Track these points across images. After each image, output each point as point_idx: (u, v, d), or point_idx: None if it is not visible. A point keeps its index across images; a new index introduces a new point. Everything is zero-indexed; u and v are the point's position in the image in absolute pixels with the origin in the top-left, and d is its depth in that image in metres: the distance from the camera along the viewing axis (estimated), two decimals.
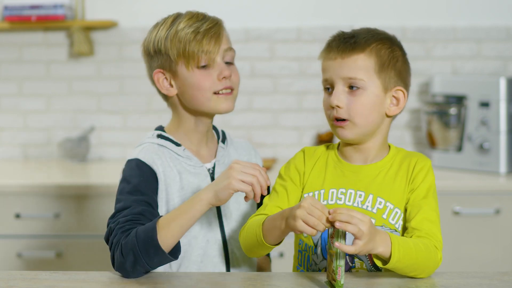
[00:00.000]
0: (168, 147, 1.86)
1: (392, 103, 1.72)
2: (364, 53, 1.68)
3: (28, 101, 3.53)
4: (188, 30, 1.83)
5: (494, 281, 1.63)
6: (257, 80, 3.49)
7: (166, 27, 1.86)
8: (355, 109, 1.67)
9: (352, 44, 1.68)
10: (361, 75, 1.67)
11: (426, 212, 1.68)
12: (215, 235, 1.87)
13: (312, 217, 1.53)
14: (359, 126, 1.69)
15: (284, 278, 1.66)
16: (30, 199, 2.97)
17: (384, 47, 1.70)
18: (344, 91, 1.69)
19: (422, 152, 3.43)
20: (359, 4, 3.45)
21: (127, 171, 1.82)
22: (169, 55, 1.84)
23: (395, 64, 1.71)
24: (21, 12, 3.35)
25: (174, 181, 1.83)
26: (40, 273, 1.70)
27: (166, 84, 1.88)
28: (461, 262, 2.93)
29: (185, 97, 1.87)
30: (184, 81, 1.85)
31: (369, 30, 1.74)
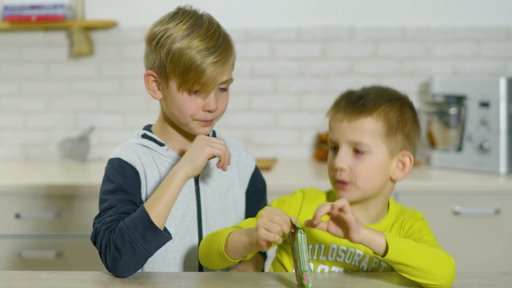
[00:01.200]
0: (151, 147, 1.83)
1: (397, 167, 1.68)
2: (372, 117, 1.64)
3: (28, 101, 3.53)
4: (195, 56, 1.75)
5: (494, 281, 1.64)
6: (257, 80, 3.49)
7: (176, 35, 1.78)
8: (358, 172, 1.64)
9: (359, 106, 1.64)
10: (367, 139, 1.63)
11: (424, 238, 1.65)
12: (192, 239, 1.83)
13: (274, 224, 1.52)
14: (361, 190, 1.65)
15: (284, 278, 1.66)
16: (30, 199, 2.97)
17: (393, 110, 1.65)
18: (349, 154, 1.65)
19: (422, 152, 3.45)
20: (359, 4, 3.45)
21: (110, 170, 1.79)
22: (168, 66, 1.77)
23: (403, 127, 1.67)
24: (21, 12, 3.35)
25: (154, 181, 1.81)
26: (40, 273, 1.70)
27: (154, 87, 1.83)
28: (461, 262, 2.93)
29: (168, 108, 1.82)
30: (170, 96, 1.79)
31: (379, 91, 1.68)
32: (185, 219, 1.82)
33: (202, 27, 1.81)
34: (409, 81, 3.47)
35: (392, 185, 1.71)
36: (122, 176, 1.77)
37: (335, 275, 1.68)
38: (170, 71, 1.77)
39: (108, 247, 1.66)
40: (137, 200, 1.76)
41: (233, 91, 3.51)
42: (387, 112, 1.65)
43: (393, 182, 1.70)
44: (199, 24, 1.82)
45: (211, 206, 1.85)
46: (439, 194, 2.94)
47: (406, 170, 1.68)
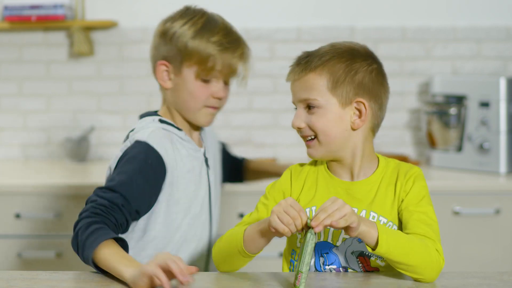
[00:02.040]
0: (172, 131, 1.93)
1: (355, 116, 1.69)
2: (315, 72, 1.68)
3: (28, 101, 3.53)
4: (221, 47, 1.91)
5: (494, 281, 1.64)
6: (257, 80, 3.49)
7: (195, 27, 1.91)
8: (315, 127, 1.69)
9: (303, 64, 1.69)
10: (313, 95, 1.68)
11: (420, 216, 1.66)
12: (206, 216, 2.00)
13: (287, 216, 1.53)
14: (322, 144, 1.70)
15: (282, 278, 1.66)
16: (30, 199, 2.97)
17: (339, 62, 1.68)
18: (304, 112, 1.71)
19: (422, 152, 3.45)
20: (359, 4, 3.45)
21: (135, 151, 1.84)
22: (185, 55, 1.90)
23: (352, 77, 1.67)
24: (21, 12, 3.35)
25: (180, 164, 1.90)
26: (40, 273, 1.70)
27: (165, 76, 1.95)
28: (461, 262, 2.93)
29: (177, 96, 1.95)
30: (184, 83, 1.93)
31: (330, 47, 1.71)
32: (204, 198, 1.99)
33: (217, 22, 1.95)
34: (409, 81, 3.47)
35: (361, 136, 1.71)
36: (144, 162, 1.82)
37: (335, 275, 1.68)
38: (187, 60, 1.90)
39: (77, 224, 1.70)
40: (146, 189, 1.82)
41: (233, 91, 3.49)
42: (332, 65, 1.67)
43: (361, 131, 1.71)
44: (214, 19, 1.95)
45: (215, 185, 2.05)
46: (439, 194, 2.94)
47: (364, 117, 1.69)
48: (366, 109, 1.68)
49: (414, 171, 1.72)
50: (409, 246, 1.58)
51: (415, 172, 1.72)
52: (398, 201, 1.69)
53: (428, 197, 1.70)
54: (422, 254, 1.59)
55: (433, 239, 1.63)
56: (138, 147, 1.85)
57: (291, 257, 1.75)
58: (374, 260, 1.69)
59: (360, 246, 1.69)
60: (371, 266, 1.69)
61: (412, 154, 3.49)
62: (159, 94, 2.08)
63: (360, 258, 1.69)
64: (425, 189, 1.71)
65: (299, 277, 1.53)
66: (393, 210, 1.69)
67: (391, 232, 1.59)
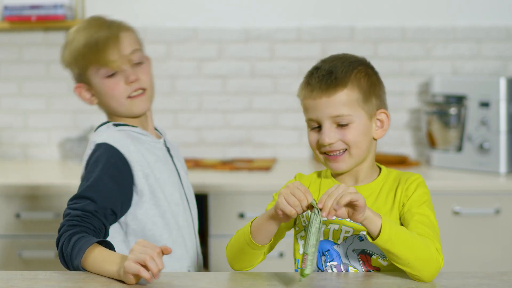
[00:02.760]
0: (127, 129, 1.97)
1: (377, 127, 1.74)
2: (347, 88, 1.68)
3: (28, 101, 3.53)
4: (86, 42, 1.94)
5: (494, 281, 1.64)
6: (257, 80, 3.49)
7: (71, 38, 1.97)
8: (348, 141, 1.69)
9: (333, 80, 1.68)
10: (347, 111, 1.68)
11: (420, 218, 1.67)
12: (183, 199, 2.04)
13: (293, 197, 1.56)
14: (353, 156, 1.71)
15: (283, 278, 1.66)
16: (30, 199, 2.97)
17: (361, 76, 1.71)
18: (333, 128, 1.70)
19: (422, 152, 3.45)
20: (359, 4, 3.45)
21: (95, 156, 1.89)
22: (79, 68, 1.96)
23: (374, 89, 1.72)
24: (21, 12, 3.35)
25: (147, 156, 1.94)
26: (40, 273, 1.70)
27: (88, 96, 2.00)
28: (461, 262, 2.93)
29: (104, 104, 1.99)
30: (98, 90, 1.97)
31: (342, 60, 1.72)
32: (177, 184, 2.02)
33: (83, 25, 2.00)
34: (409, 81, 3.47)
35: (375, 145, 1.77)
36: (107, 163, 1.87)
37: (336, 275, 1.68)
38: (81, 67, 1.95)
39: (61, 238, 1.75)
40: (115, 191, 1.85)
41: (233, 91, 3.51)
42: (358, 79, 1.70)
43: (375, 141, 1.76)
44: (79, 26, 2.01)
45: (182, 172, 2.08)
46: (439, 194, 2.93)
47: (385, 126, 1.75)
48: (388, 119, 1.74)
49: (416, 177, 1.74)
50: (411, 240, 1.59)
51: (417, 178, 1.74)
52: (399, 206, 1.70)
53: (430, 203, 1.72)
54: (423, 250, 1.59)
55: (433, 239, 1.63)
56: (99, 149, 1.90)
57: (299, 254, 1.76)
58: (376, 259, 1.69)
59: (362, 245, 1.69)
60: (372, 265, 1.70)
61: (412, 154, 3.49)
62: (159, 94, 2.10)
63: (361, 256, 1.70)
64: (427, 195, 1.72)
65: (305, 259, 1.53)
66: (391, 216, 1.70)
67: (394, 224, 1.60)
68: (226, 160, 3.41)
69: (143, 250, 1.59)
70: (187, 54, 3.47)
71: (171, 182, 1.99)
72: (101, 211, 1.82)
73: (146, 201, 1.93)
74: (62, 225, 1.79)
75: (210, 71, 3.48)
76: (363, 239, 1.68)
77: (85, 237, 1.73)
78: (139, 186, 1.91)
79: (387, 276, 1.66)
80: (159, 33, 3.44)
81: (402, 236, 1.58)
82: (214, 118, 3.50)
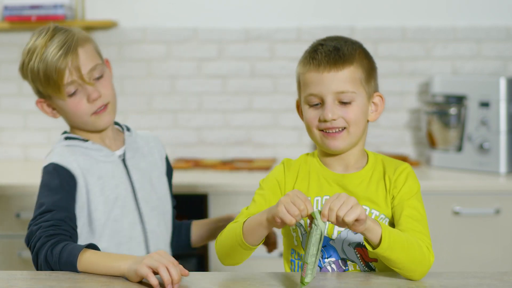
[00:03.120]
0: (77, 145, 1.94)
1: (372, 109, 1.74)
2: (354, 65, 1.70)
3: (28, 101, 3.53)
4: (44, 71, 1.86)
5: (494, 281, 1.64)
6: (257, 80, 3.49)
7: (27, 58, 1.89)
8: (349, 118, 1.69)
9: (341, 56, 1.69)
10: (352, 88, 1.69)
11: (411, 212, 1.68)
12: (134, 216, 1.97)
13: (294, 206, 1.54)
14: (352, 135, 1.71)
15: (283, 278, 1.66)
16: (30, 199, 2.97)
17: (364, 56, 1.73)
18: (336, 104, 1.69)
19: (422, 152, 3.45)
20: (359, 4, 3.45)
21: (45, 177, 1.89)
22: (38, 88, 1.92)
23: (374, 71, 1.75)
24: (21, 12, 3.35)
25: (90, 172, 1.90)
26: (40, 273, 1.70)
27: (49, 110, 1.98)
28: (461, 262, 2.93)
29: (66, 118, 1.97)
30: (60, 107, 1.93)
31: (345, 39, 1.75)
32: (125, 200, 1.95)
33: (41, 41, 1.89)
34: (409, 81, 3.47)
35: (367, 129, 1.77)
36: (57, 179, 1.86)
37: (335, 275, 1.68)
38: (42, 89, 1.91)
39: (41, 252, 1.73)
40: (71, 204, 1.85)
41: (233, 91, 3.51)
42: (362, 59, 1.72)
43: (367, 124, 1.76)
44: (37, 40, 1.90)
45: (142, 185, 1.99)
46: (439, 194, 2.94)
47: (379, 109, 1.75)
48: (383, 102, 1.75)
49: (404, 168, 1.74)
50: (406, 245, 1.60)
51: (406, 168, 1.74)
52: (391, 197, 1.71)
53: (419, 194, 1.73)
54: (416, 251, 1.61)
55: (424, 235, 1.65)
56: (46, 170, 1.90)
57: (291, 256, 1.76)
58: None
59: (356, 237, 1.70)
60: (369, 257, 1.70)
61: (412, 154, 3.49)
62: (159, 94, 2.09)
63: (358, 249, 1.70)
64: (417, 187, 1.73)
65: (305, 268, 1.53)
66: (386, 204, 1.71)
67: (391, 231, 1.60)
68: (226, 160, 3.41)
69: (159, 258, 1.61)
70: (187, 54, 3.47)
71: (114, 199, 1.92)
72: (70, 219, 1.83)
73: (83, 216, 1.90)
74: (37, 239, 1.75)
75: (210, 71, 3.48)
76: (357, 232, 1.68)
77: (70, 244, 1.73)
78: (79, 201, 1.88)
79: (387, 276, 1.66)
80: (159, 33, 3.44)
81: (399, 242, 1.59)
82: (214, 118, 3.50)
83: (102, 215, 1.90)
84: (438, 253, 2.89)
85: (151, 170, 2.04)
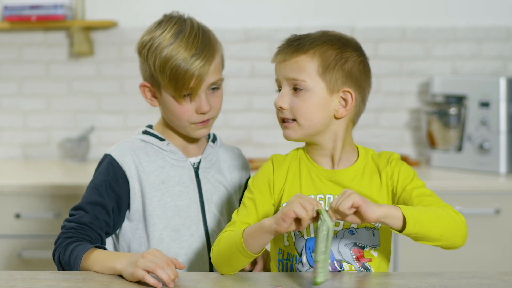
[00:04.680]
0: (151, 142, 1.90)
1: (340, 104, 1.70)
2: (306, 55, 1.69)
3: (28, 101, 3.53)
4: (179, 64, 1.82)
5: (494, 281, 1.64)
6: (257, 80, 3.49)
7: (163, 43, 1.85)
8: (298, 110, 1.69)
9: (295, 46, 1.70)
10: (303, 76, 1.68)
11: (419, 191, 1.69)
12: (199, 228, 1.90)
13: (307, 202, 1.55)
14: (303, 127, 1.70)
15: (283, 278, 1.66)
16: (30, 199, 2.97)
17: (331, 49, 1.70)
18: (289, 93, 1.70)
19: (422, 152, 3.45)
20: (359, 4, 3.45)
21: (99, 166, 1.89)
22: (157, 75, 1.86)
23: (342, 65, 1.69)
24: (21, 12, 3.35)
25: (152, 176, 1.87)
26: (40, 273, 1.70)
27: (150, 96, 1.92)
28: (461, 262, 2.93)
29: (165, 113, 1.92)
30: (165, 103, 1.88)
31: (322, 33, 1.74)
32: (190, 210, 1.89)
33: (184, 33, 1.86)
34: (409, 81, 3.47)
35: (343, 125, 1.72)
36: (105, 175, 1.85)
37: (335, 275, 1.68)
38: (160, 79, 1.85)
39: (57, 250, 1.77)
40: (109, 204, 1.83)
41: (233, 91, 3.51)
42: (324, 51, 1.69)
43: (343, 121, 1.72)
44: (181, 30, 1.87)
45: (212, 197, 1.92)
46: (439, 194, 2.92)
47: (349, 106, 1.70)
48: (352, 99, 1.70)
49: (394, 157, 1.75)
50: (433, 214, 1.60)
51: (395, 157, 1.75)
52: (388, 188, 1.71)
53: (415, 174, 1.74)
54: (446, 218, 1.62)
55: (444, 205, 1.67)
56: (103, 160, 1.89)
57: (279, 256, 1.76)
58: (368, 251, 1.70)
59: (353, 238, 1.70)
60: (364, 257, 1.70)
61: (412, 154, 3.49)
62: None
63: (354, 250, 1.70)
64: (411, 169, 1.74)
65: (315, 266, 1.52)
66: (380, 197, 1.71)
67: (413, 208, 1.60)
68: None
69: (153, 259, 1.61)
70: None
71: (175, 206, 1.88)
72: (95, 223, 1.81)
73: (137, 220, 1.88)
74: (58, 238, 1.79)
75: None
76: (354, 232, 1.69)
77: (81, 244, 1.74)
78: (133, 203, 1.86)
79: (387, 276, 1.66)
80: None
81: (424, 214, 1.59)
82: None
83: (160, 221, 1.86)
84: (438, 253, 2.89)
85: (226, 186, 1.97)
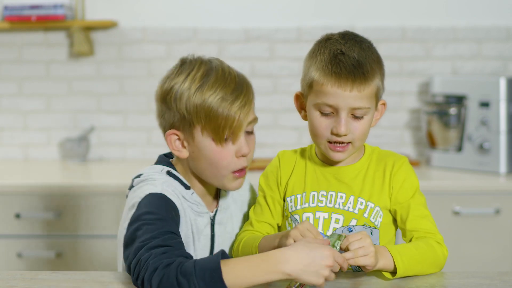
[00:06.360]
0: (176, 187, 1.71)
1: (375, 117, 1.74)
2: (370, 85, 1.66)
3: (28, 101, 3.53)
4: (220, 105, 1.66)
5: (494, 281, 1.63)
6: (257, 80, 3.48)
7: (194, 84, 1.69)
8: (358, 133, 1.68)
9: (364, 74, 1.64)
10: (368, 104, 1.67)
11: (416, 209, 1.70)
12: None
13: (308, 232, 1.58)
14: (355, 147, 1.71)
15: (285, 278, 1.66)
16: (30, 199, 2.97)
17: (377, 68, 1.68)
18: (349, 119, 1.67)
19: (422, 152, 3.45)
20: (359, 4, 3.45)
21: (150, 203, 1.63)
22: (192, 118, 1.67)
23: (383, 82, 1.71)
24: (21, 12, 3.35)
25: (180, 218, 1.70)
26: (40, 273, 1.70)
27: (178, 145, 1.71)
28: (461, 262, 2.93)
29: (197, 164, 1.71)
30: (200, 150, 1.69)
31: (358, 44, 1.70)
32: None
33: (216, 73, 1.72)
34: (409, 81, 3.47)
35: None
36: (165, 209, 1.63)
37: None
38: (195, 123, 1.66)
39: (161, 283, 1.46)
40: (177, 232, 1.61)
41: None
42: (376, 74, 1.68)
43: None
44: (211, 69, 1.73)
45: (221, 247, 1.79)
46: (439, 194, 2.94)
47: (380, 116, 1.75)
48: (384, 107, 1.75)
49: (403, 161, 1.75)
50: (420, 256, 1.63)
51: (404, 162, 1.75)
52: (389, 188, 1.72)
53: (418, 187, 1.74)
54: (431, 258, 1.65)
55: (434, 232, 1.69)
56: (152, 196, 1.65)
57: None
58: None
59: None
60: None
61: (412, 154, 3.49)
62: None
63: None
64: (417, 181, 1.74)
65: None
66: (382, 196, 1.72)
67: (402, 251, 1.61)
68: None
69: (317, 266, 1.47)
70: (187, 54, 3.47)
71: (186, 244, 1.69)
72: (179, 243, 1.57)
73: None
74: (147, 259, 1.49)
75: None
76: (352, 230, 1.70)
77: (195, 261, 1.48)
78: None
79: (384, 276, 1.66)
80: (159, 33, 3.44)
81: (413, 259, 1.61)
82: None
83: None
84: None
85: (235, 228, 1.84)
